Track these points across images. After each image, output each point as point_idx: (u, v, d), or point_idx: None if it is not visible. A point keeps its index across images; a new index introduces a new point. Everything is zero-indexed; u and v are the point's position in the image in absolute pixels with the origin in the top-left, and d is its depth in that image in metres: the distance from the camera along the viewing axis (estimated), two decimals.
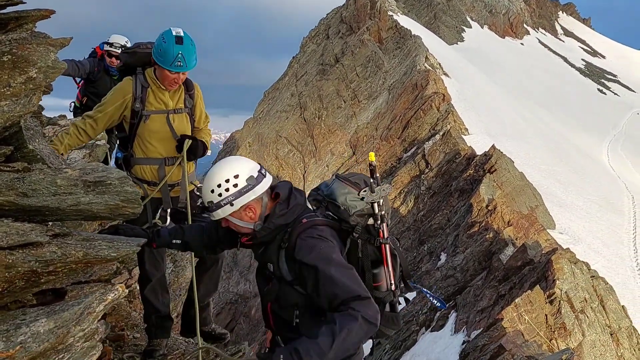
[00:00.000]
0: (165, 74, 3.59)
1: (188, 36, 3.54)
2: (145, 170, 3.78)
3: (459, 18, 77.28)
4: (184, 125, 3.84)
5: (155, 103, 3.72)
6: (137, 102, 3.65)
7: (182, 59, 3.48)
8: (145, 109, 3.67)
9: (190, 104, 3.88)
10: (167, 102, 3.76)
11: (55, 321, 1.96)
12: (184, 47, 3.48)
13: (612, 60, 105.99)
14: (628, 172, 42.24)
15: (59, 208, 2.24)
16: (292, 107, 43.45)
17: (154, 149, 3.74)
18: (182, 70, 3.56)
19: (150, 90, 3.70)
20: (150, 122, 3.70)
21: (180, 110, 3.82)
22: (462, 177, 22.52)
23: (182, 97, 3.84)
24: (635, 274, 19.96)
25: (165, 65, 3.51)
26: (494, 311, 12.58)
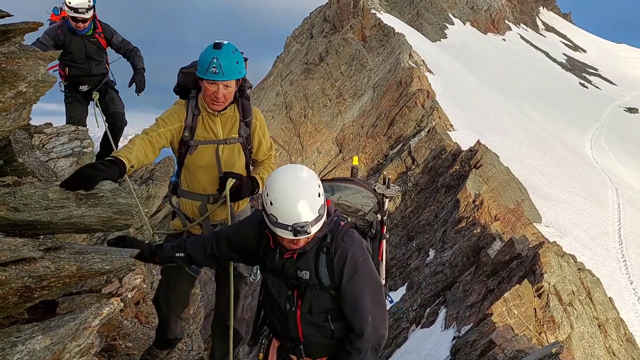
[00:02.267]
0: (205, 88, 3.15)
1: (231, 46, 3.13)
2: (186, 205, 3.47)
3: (441, 15, 77.62)
4: (234, 159, 3.39)
5: (204, 132, 3.29)
6: (187, 131, 3.26)
7: (217, 65, 3.02)
8: (193, 138, 3.28)
9: (245, 133, 3.40)
10: (217, 131, 3.31)
11: (51, 338, 1.94)
12: (221, 52, 3.05)
13: (593, 54, 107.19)
14: (611, 165, 42.79)
15: (51, 222, 2.22)
16: (277, 106, 43.37)
17: (198, 183, 3.37)
18: (217, 78, 3.07)
19: (201, 117, 3.29)
20: (197, 154, 3.30)
21: (233, 140, 3.36)
22: (449, 173, 22.65)
23: (236, 125, 3.37)
24: (621, 265, 20.22)
25: (201, 73, 3.10)
26: (484, 306, 12.69)
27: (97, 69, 6.71)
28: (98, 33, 6.56)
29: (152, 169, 7.61)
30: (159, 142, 3.19)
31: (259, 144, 3.52)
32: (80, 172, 2.47)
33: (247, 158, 3.47)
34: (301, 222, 2.34)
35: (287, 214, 2.34)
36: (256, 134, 3.48)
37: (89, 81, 6.72)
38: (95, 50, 6.60)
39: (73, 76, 6.57)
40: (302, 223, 2.34)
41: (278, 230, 2.41)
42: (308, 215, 2.35)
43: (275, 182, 2.39)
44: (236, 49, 3.13)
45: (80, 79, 6.65)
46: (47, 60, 2.12)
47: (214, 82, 3.09)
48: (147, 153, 3.11)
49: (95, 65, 6.65)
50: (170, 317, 3.71)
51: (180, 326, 3.88)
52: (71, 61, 6.46)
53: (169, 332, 3.77)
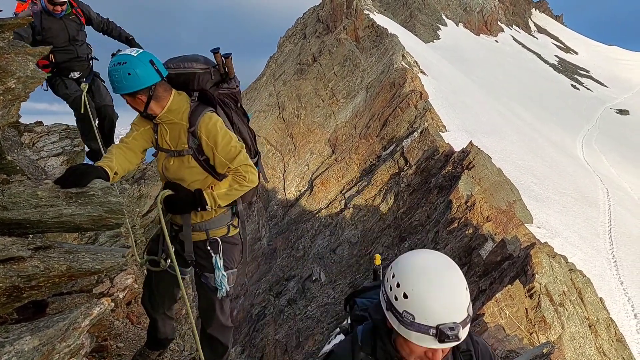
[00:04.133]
0: None
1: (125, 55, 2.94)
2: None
3: (434, 16, 77.89)
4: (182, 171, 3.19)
5: (162, 141, 3.19)
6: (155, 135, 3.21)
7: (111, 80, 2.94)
8: (158, 144, 3.22)
9: (194, 144, 3.13)
10: (170, 141, 3.18)
11: (40, 338, 1.91)
12: (109, 68, 2.91)
13: (585, 56, 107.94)
14: (602, 166, 43.06)
15: (41, 220, 2.19)
16: (270, 106, 43.29)
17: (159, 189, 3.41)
18: (115, 92, 3.00)
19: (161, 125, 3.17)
20: (158, 160, 3.28)
21: (184, 152, 3.15)
22: (441, 174, 22.71)
23: (183, 136, 3.13)
24: (611, 266, 20.33)
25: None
26: (475, 306, 12.71)
27: (83, 50, 6.18)
28: (75, 8, 6.07)
29: (144, 168, 7.56)
30: (136, 145, 3.16)
31: (213, 155, 3.14)
32: (75, 168, 2.48)
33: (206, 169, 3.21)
34: (449, 322, 1.66)
35: (434, 311, 1.67)
36: (204, 145, 3.12)
37: (79, 66, 6.20)
38: (77, 29, 6.08)
39: (61, 62, 5.99)
40: (450, 324, 1.65)
41: (413, 335, 1.70)
42: (460, 314, 1.69)
43: (413, 266, 1.75)
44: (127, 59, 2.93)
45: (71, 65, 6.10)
46: (37, 56, 2.08)
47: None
48: (129, 158, 3.10)
49: (80, 46, 6.12)
50: (157, 315, 3.66)
51: (171, 326, 3.83)
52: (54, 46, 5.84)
53: (158, 332, 3.74)
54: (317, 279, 26.80)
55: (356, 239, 26.42)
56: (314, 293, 26.14)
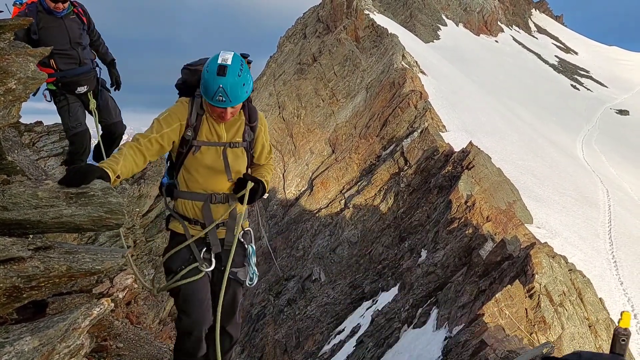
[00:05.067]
0: (211, 107, 3.10)
1: (237, 64, 2.97)
2: (187, 206, 3.31)
3: (434, 16, 77.89)
4: (238, 162, 3.32)
5: (209, 134, 3.21)
6: (190, 130, 3.16)
7: (223, 94, 2.93)
8: (196, 138, 3.18)
9: (249, 137, 3.35)
10: (222, 134, 3.24)
11: (40, 339, 1.91)
12: (227, 80, 2.91)
13: (585, 56, 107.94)
14: (602, 167, 43.07)
15: (41, 221, 2.19)
16: (270, 106, 43.31)
17: (198, 184, 3.26)
18: (224, 106, 3.01)
19: (205, 117, 3.21)
20: (200, 155, 3.21)
21: (237, 144, 3.29)
22: (441, 174, 22.71)
23: (241, 130, 3.31)
24: (611, 266, 20.34)
25: (207, 98, 3.01)
26: (475, 306, 12.72)
27: (86, 55, 5.59)
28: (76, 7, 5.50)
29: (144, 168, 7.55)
30: (149, 149, 3.08)
31: (262, 148, 3.47)
32: (77, 168, 2.47)
33: (248, 162, 3.41)
34: None
35: None
36: (260, 138, 3.42)
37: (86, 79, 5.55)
38: (79, 31, 5.48)
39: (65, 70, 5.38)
40: None
41: None
42: None
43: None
44: (241, 68, 2.98)
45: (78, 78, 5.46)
46: (37, 57, 2.08)
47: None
48: (137, 161, 3.02)
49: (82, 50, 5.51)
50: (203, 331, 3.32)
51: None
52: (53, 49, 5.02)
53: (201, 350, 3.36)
54: (317, 279, 26.82)
55: (356, 238, 26.43)
56: (314, 293, 26.15)
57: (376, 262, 23.73)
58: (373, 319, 18.43)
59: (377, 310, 19.04)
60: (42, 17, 5.20)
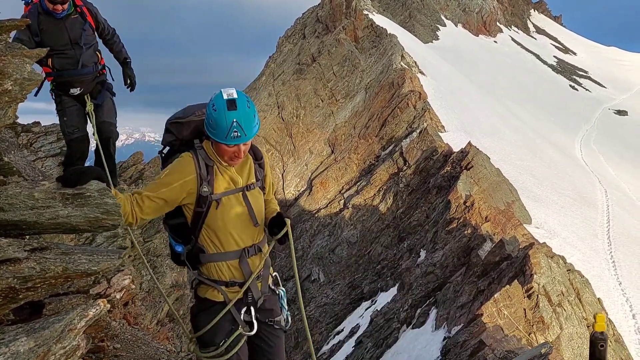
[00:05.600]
0: (223, 149, 2.85)
1: (243, 96, 2.82)
2: (222, 269, 3.00)
3: (433, 17, 77.92)
4: (259, 204, 3.11)
5: (225, 183, 2.98)
6: (205, 185, 2.89)
7: (238, 128, 2.76)
8: (214, 192, 2.92)
9: (261, 175, 3.16)
10: (237, 179, 3.01)
11: (35, 340, 1.91)
12: (239, 113, 2.76)
13: (583, 56, 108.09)
14: (601, 167, 43.11)
15: (37, 222, 2.19)
16: (269, 106, 43.31)
17: (231, 239, 2.98)
18: (240, 141, 2.81)
19: (216, 167, 2.96)
20: (224, 207, 2.95)
21: (253, 185, 3.07)
22: (440, 174, 22.72)
23: (252, 169, 3.11)
24: (609, 266, 20.36)
25: (220, 138, 2.79)
26: (474, 306, 12.73)
27: (87, 56, 5.37)
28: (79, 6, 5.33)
29: (142, 168, 7.55)
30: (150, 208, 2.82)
31: (270, 183, 3.30)
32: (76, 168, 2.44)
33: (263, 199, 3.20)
34: None
35: None
36: (268, 173, 3.25)
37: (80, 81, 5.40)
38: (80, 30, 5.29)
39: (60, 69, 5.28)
40: None
41: None
42: None
43: None
44: (247, 99, 2.84)
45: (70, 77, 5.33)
46: (34, 58, 2.08)
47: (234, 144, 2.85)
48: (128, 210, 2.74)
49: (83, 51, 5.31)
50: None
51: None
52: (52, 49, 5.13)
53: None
54: (316, 279, 26.82)
55: (355, 239, 26.43)
56: (313, 293, 26.16)
57: (375, 263, 23.74)
58: (372, 319, 18.44)
59: (376, 310, 19.05)
60: (43, 18, 5.11)
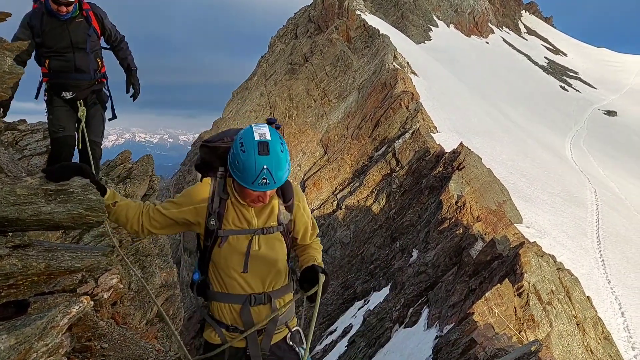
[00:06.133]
0: (246, 192, 2.58)
1: (276, 137, 2.53)
2: (224, 310, 2.75)
3: (425, 17, 78.14)
4: (274, 252, 2.75)
5: (237, 221, 2.69)
6: (213, 218, 2.65)
7: (268, 175, 2.45)
8: (222, 227, 2.66)
9: (286, 219, 2.79)
10: (251, 219, 2.69)
11: (16, 337, 1.88)
12: (271, 159, 2.46)
13: (574, 57, 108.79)
14: (590, 167, 43.40)
15: (19, 218, 2.16)
16: (261, 106, 43.24)
17: (234, 282, 2.71)
18: (268, 189, 2.52)
19: (230, 202, 2.69)
20: (229, 247, 2.67)
21: (271, 229, 2.72)
22: (432, 175, 22.78)
23: (275, 211, 2.75)
24: (599, 265, 20.49)
25: (245, 183, 2.50)
26: (465, 305, 12.76)
27: (86, 62, 5.17)
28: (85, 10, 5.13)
29: (130, 167, 7.50)
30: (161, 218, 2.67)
31: (305, 227, 2.91)
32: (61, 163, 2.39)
33: (287, 248, 2.84)
34: None
35: None
36: (300, 216, 2.86)
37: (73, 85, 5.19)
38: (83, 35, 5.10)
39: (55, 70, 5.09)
40: None
41: None
42: None
43: None
44: (281, 142, 2.54)
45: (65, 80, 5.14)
46: (15, 51, 2.05)
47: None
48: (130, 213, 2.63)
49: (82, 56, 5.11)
50: None
51: None
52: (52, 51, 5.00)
53: None
54: None
55: (348, 239, 26.43)
56: None
57: (368, 263, 23.75)
58: (365, 318, 18.44)
59: (369, 310, 19.05)
60: (47, 19, 4.95)
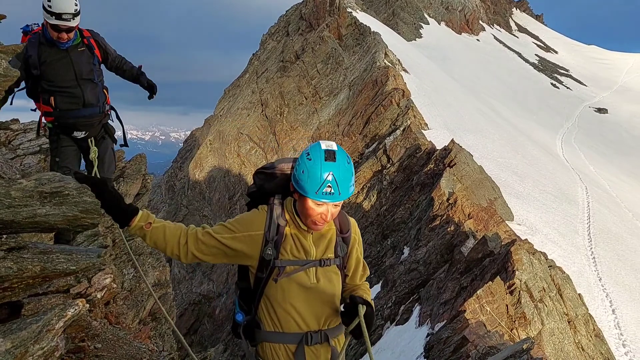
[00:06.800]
0: (308, 207, 2.44)
1: (343, 151, 2.44)
2: (278, 352, 2.57)
3: (416, 15, 78.22)
4: (332, 286, 2.61)
5: (294, 250, 2.53)
6: (270, 247, 2.48)
7: (333, 183, 2.36)
8: (279, 258, 2.50)
9: (342, 252, 2.67)
10: (310, 249, 2.55)
11: (12, 341, 1.88)
12: (338, 166, 2.37)
13: (564, 55, 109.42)
14: (581, 164, 43.71)
15: (14, 221, 2.15)
16: (253, 104, 43.16)
17: (291, 319, 2.52)
18: (332, 199, 2.40)
19: (288, 230, 2.54)
20: (288, 279, 2.51)
21: (329, 261, 2.59)
22: (423, 172, 22.84)
23: (332, 242, 2.63)
24: (590, 262, 20.64)
25: (309, 192, 2.38)
26: (457, 303, 12.83)
27: (94, 94, 4.86)
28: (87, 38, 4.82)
29: (123, 167, 7.46)
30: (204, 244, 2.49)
31: (357, 263, 2.78)
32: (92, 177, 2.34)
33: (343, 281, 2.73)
34: None
35: None
36: (354, 251, 2.76)
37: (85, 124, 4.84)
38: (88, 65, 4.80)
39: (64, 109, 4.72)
40: None
41: None
42: None
43: None
44: (348, 156, 2.48)
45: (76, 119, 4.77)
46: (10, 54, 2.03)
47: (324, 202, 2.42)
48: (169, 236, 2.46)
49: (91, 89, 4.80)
50: None
51: None
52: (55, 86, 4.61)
53: None
54: None
55: None
56: None
57: None
58: None
59: None
60: (45, 49, 4.58)
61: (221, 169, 42.54)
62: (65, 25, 4.43)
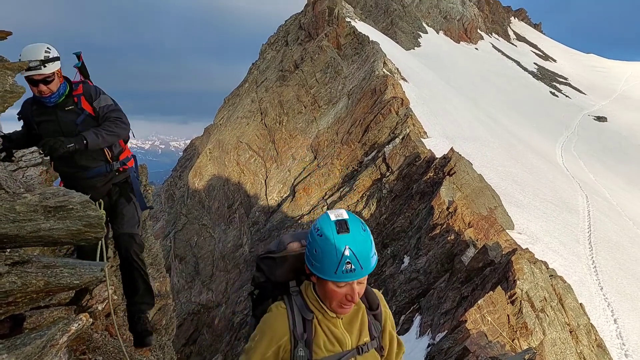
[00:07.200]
0: (331, 290, 2.18)
1: (355, 217, 2.20)
2: None
3: (415, 24, 78.60)
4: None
5: (328, 345, 2.26)
6: (300, 349, 2.21)
7: (352, 258, 2.09)
8: (313, 357, 2.23)
9: (377, 331, 2.39)
10: (344, 338, 2.28)
11: (17, 356, 1.86)
12: (354, 237, 2.11)
13: (563, 63, 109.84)
14: (581, 172, 43.73)
15: (19, 235, 2.15)
16: (252, 113, 43.23)
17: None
18: (354, 277, 2.13)
19: (316, 321, 2.26)
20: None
21: (367, 346, 2.31)
22: (423, 180, 22.84)
23: (365, 323, 2.36)
24: (591, 271, 20.59)
25: (327, 274, 2.13)
26: (458, 313, 12.78)
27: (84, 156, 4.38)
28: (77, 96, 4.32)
29: None
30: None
31: (391, 341, 2.49)
32: None
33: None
34: None
35: None
36: (387, 327, 2.46)
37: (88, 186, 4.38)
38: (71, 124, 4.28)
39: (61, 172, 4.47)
40: None
41: None
42: None
43: None
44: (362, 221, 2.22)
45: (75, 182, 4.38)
46: (16, 71, 2.04)
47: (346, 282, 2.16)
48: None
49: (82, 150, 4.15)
50: None
51: None
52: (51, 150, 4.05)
53: None
54: None
55: None
56: None
57: None
58: None
59: None
60: (35, 109, 4.27)
61: (221, 178, 42.55)
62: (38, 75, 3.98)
